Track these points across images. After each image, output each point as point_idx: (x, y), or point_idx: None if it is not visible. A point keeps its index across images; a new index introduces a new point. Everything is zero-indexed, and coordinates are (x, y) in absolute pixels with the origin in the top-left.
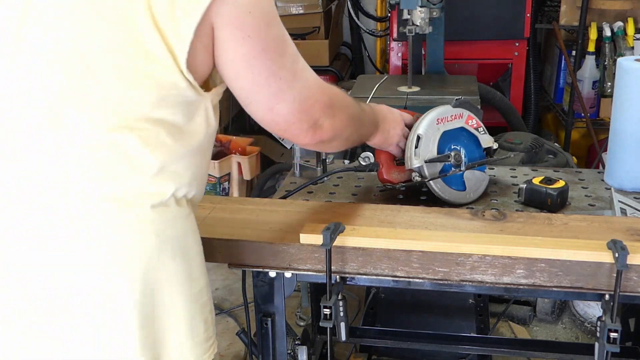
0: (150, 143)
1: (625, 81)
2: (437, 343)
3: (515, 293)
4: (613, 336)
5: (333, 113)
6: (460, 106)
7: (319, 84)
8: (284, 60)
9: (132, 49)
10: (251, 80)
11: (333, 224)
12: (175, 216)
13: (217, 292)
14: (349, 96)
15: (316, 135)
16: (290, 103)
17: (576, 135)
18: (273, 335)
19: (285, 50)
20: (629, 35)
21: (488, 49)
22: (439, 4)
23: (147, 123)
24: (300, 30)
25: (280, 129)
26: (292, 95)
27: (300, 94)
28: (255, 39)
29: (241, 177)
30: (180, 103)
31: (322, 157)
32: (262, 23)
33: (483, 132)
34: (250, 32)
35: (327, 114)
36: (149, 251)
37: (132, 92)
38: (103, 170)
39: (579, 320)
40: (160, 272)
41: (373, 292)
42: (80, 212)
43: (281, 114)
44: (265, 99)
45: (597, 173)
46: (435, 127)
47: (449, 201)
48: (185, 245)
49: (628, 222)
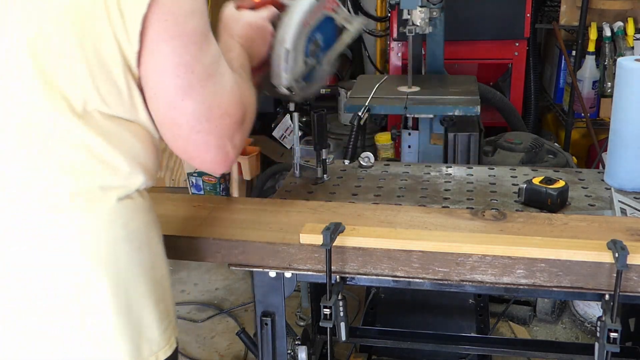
0: (114, 139)
1: (625, 81)
2: (437, 343)
3: (515, 293)
4: (613, 336)
5: (242, 128)
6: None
7: (237, 98)
8: (201, 55)
9: (92, 53)
10: (161, 64)
11: (333, 224)
12: (138, 207)
13: (217, 292)
14: (252, 88)
15: (225, 160)
16: (199, 103)
17: (576, 135)
18: (273, 335)
19: (205, 47)
20: (629, 35)
21: (488, 49)
22: (439, 4)
23: (111, 120)
24: None
25: (181, 136)
26: (202, 96)
27: (212, 98)
28: (172, 22)
29: (241, 177)
30: (140, 102)
31: (322, 157)
32: (185, 10)
33: (339, 12)
34: (169, 16)
35: (236, 130)
36: (119, 243)
37: (96, 90)
38: (72, 165)
39: (579, 320)
40: (130, 263)
41: (373, 292)
42: (51, 208)
43: (185, 112)
44: (171, 92)
45: (597, 173)
46: (303, 32)
47: (301, 98)
48: (148, 234)
49: (628, 222)
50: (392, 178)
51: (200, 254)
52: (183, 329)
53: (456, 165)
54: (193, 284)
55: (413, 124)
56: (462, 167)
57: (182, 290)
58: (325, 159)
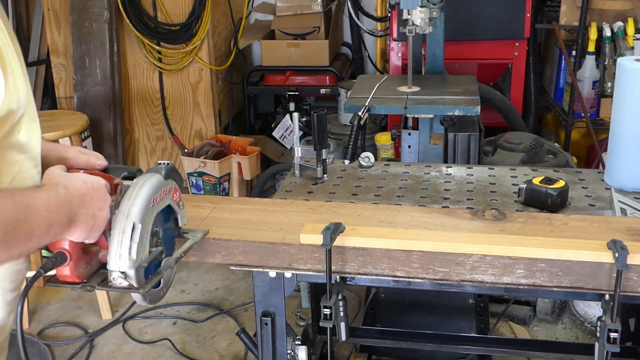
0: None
1: (625, 81)
2: (437, 343)
3: (515, 293)
4: (613, 336)
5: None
6: (170, 176)
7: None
8: None
9: None
10: None
11: (333, 224)
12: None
13: (217, 292)
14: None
15: None
16: None
17: (576, 135)
18: (273, 335)
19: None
20: (629, 35)
21: (488, 49)
22: (439, 4)
23: None
24: (300, 30)
25: None
26: None
27: None
28: None
29: (241, 177)
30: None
31: (322, 157)
32: None
33: (182, 207)
34: None
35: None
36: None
37: None
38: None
39: (579, 320)
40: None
41: (373, 292)
42: None
43: None
44: None
45: (597, 173)
46: (150, 210)
47: (149, 305)
48: None
49: (628, 222)
50: (392, 178)
51: (200, 254)
52: (183, 329)
53: (456, 165)
54: (193, 284)
55: (413, 124)
56: (462, 167)
57: (182, 290)
58: (325, 159)
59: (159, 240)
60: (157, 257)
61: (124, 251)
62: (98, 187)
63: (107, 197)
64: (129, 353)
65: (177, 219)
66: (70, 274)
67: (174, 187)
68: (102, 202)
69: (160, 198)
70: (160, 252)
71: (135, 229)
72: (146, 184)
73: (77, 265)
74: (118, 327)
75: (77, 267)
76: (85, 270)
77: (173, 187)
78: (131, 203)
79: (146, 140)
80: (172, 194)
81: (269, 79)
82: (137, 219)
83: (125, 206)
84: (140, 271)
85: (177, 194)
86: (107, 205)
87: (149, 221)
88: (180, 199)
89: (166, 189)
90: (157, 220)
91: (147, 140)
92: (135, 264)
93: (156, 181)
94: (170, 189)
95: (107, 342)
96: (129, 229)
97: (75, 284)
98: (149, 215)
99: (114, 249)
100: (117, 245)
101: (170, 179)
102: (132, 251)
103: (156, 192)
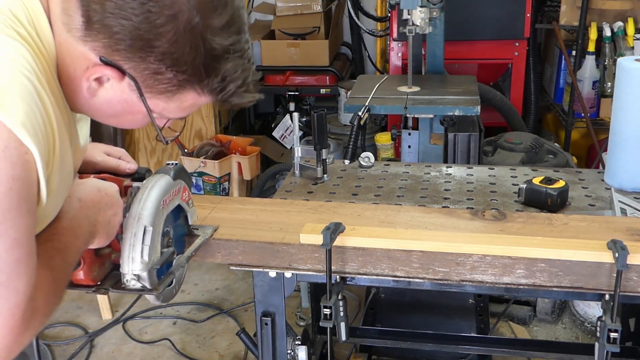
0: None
1: (625, 81)
2: (437, 343)
3: (515, 293)
4: (613, 336)
5: (55, 293)
6: (179, 176)
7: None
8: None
9: None
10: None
11: (333, 224)
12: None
13: (217, 292)
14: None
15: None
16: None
17: (576, 135)
18: (273, 335)
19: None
20: (629, 35)
21: (488, 49)
22: (439, 4)
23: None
24: (300, 30)
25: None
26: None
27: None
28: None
29: (241, 177)
30: None
31: (322, 157)
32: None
33: (192, 206)
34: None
35: (50, 301)
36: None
37: None
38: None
39: (579, 320)
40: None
41: (373, 292)
42: None
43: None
44: None
45: (597, 173)
46: (160, 212)
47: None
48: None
49: (628, 222)
50: (392, 178)
51: (200, 254)
52: (183, 329)
53: (456, 165)
54: (193, 284)
55: (413, 124)
56: (462, 167)
57: (182, 290)
58: (325, 159)
59: (170, 239)
60: (169, 258)
61: (136, 254)
62: (112, 194)
63: (120, 202)
64: (129, 353)
65: (187, 216)
66: (85, 278)
67: (183, 186)
68: (115, 207)
69: (170, 199)
70: (171, 252)
71: (146, 232)
72: (156, 187)
73: (90, 268)
74: (118, 327)
75: (91, 271)
76: (99, 272)
77: (182, 186)
78: (142, 206)
79: (146, 140)
80: (181, 194)
81: (269, 79)
82: (148, 222)
83: (136, 209)
84: (152, 273)
85: (186, 193)
86: (121, 210)
87: (160, 223)
88: (190, 198)
89: (175, 190)
90: (168, 221)
91: (147, 140)
92: (147, 266)
93: (165, 183)
94: (180, 189)
95: (107, 342)
96: (140, 232)
97: (90, 286)
98: (159, 217)
99: (126, 252)
100: (130, 248)
101: (179, 179)
102: (144, 254)
103: (166, 194)
